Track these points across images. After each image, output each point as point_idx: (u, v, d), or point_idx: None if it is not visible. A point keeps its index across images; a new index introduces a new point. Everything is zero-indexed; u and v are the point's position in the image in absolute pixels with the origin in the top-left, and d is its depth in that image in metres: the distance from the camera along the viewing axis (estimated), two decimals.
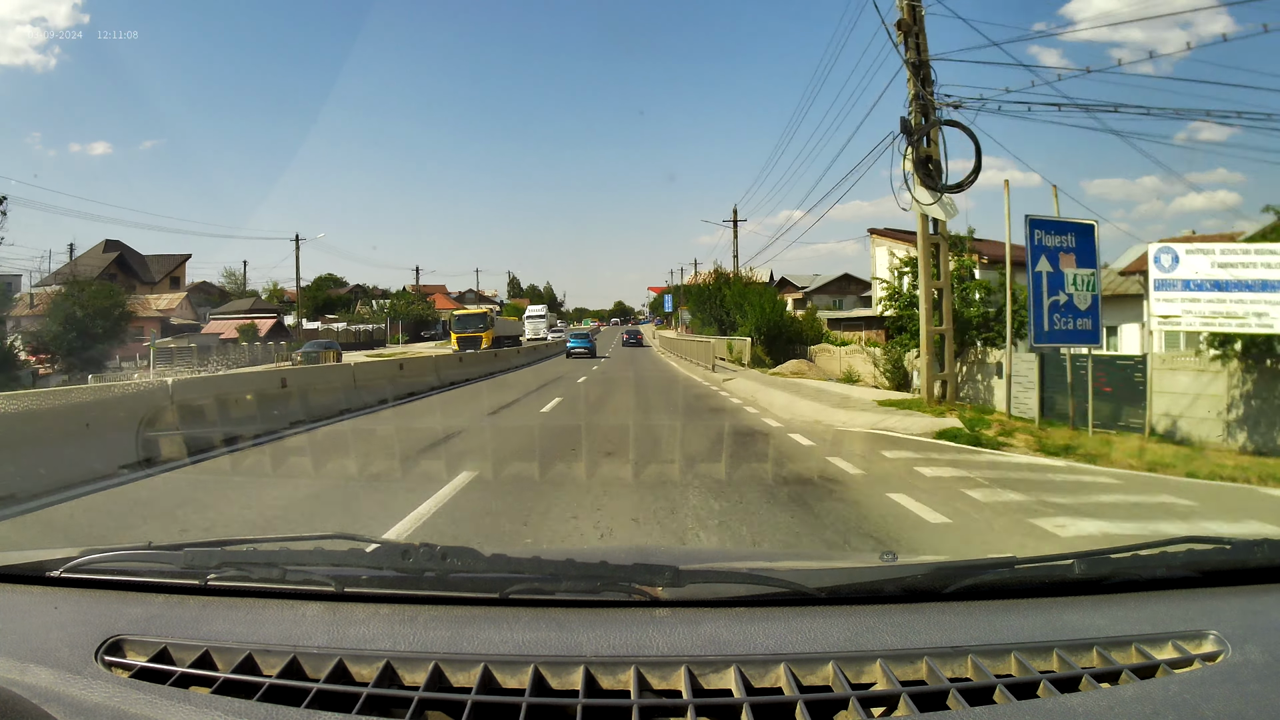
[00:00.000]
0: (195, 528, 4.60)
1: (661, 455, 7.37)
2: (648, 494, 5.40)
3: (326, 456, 7.21)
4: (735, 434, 8.98)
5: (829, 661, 0.98)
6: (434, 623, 1.10)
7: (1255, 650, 0.98)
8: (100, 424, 6.33)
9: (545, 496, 5.37)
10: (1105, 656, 0.99)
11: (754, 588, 1.15)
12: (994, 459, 7.63)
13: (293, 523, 4.71)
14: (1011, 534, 4.51)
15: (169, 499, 5.56)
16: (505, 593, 1.14)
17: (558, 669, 0.98)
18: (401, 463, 6.78)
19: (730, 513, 4.86)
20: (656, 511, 4.89)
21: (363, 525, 4.46)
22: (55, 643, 1.05)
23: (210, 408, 8.21)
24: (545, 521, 4.68)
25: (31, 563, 1.29)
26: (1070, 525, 4.71)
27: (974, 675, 0.97)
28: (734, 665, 0.97)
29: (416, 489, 5.46)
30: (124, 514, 5.11)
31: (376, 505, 5.19)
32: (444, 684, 0.97)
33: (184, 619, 1.14)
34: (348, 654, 1.01)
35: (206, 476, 6.44)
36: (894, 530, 4.49)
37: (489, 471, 6.16)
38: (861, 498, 5.41)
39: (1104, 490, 6.20)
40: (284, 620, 1.12)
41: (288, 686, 0.96)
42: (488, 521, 4.77)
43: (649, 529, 4.51)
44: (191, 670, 1.00)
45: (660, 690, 0.96)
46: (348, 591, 1.16)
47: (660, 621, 1.09)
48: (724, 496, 5.31)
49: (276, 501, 5.39)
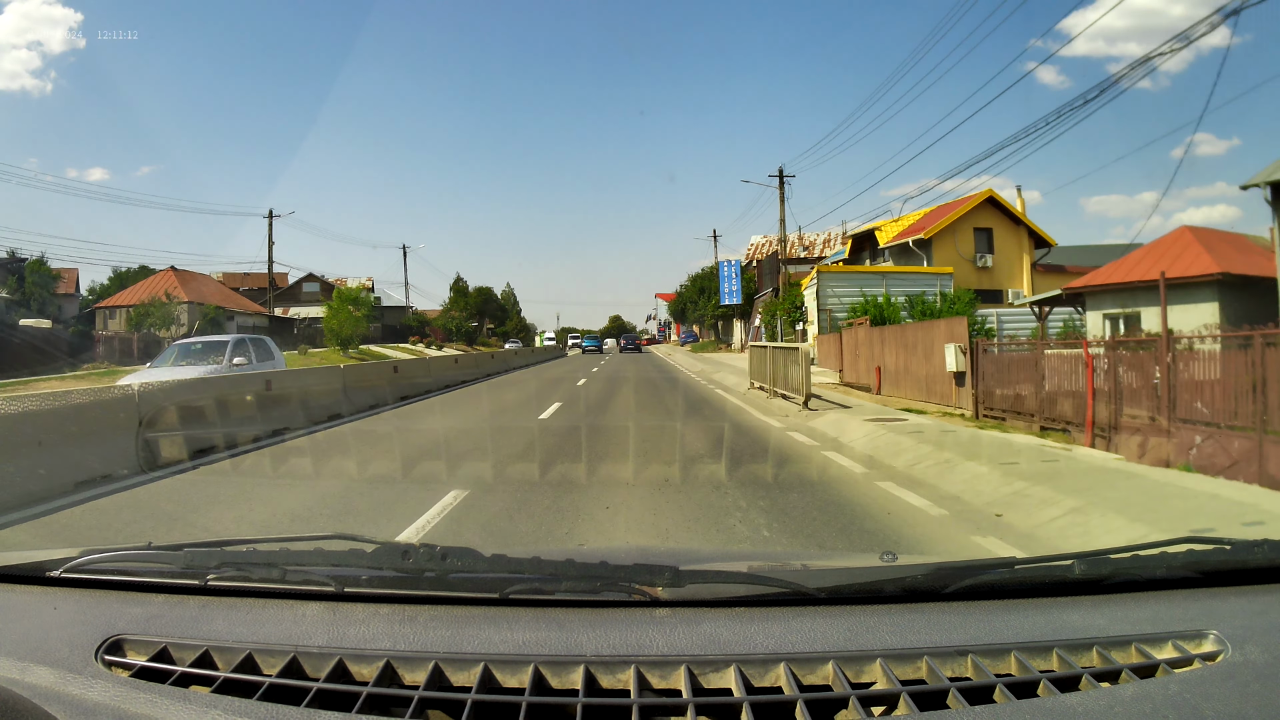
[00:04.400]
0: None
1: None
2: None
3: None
4: None
5: (829, 661, 0.98)
6: (434, 622, 1.10)
7: (1255, 650, 0.98)
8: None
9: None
10: (1105, 656, 0.99)
11: (754, 587, 1.15)
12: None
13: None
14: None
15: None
16: (505, 593, 1.14)
17: (558, 668, 0.98)
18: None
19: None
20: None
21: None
22: (55, 643, 1.05)
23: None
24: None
25: (31, 563, 1.30)
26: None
27: (974, 675, 0.97)
28: (734, 665, 0.97)
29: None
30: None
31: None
32: (444, 683, 0.97)
33: (184, 619, 1.14)
34: (348, 653, 1.01)
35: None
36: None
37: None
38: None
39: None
40: (284, 620, 1.12)
41: (288, 686, 0.96)
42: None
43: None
44: (192, 670, 1.00)
45: (660, 690, 0.96)
46: (348, 591, 1.16)
47: (660, 621, 1.09)
48: None
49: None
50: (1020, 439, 8.04)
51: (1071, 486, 5.30)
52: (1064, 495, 5.01)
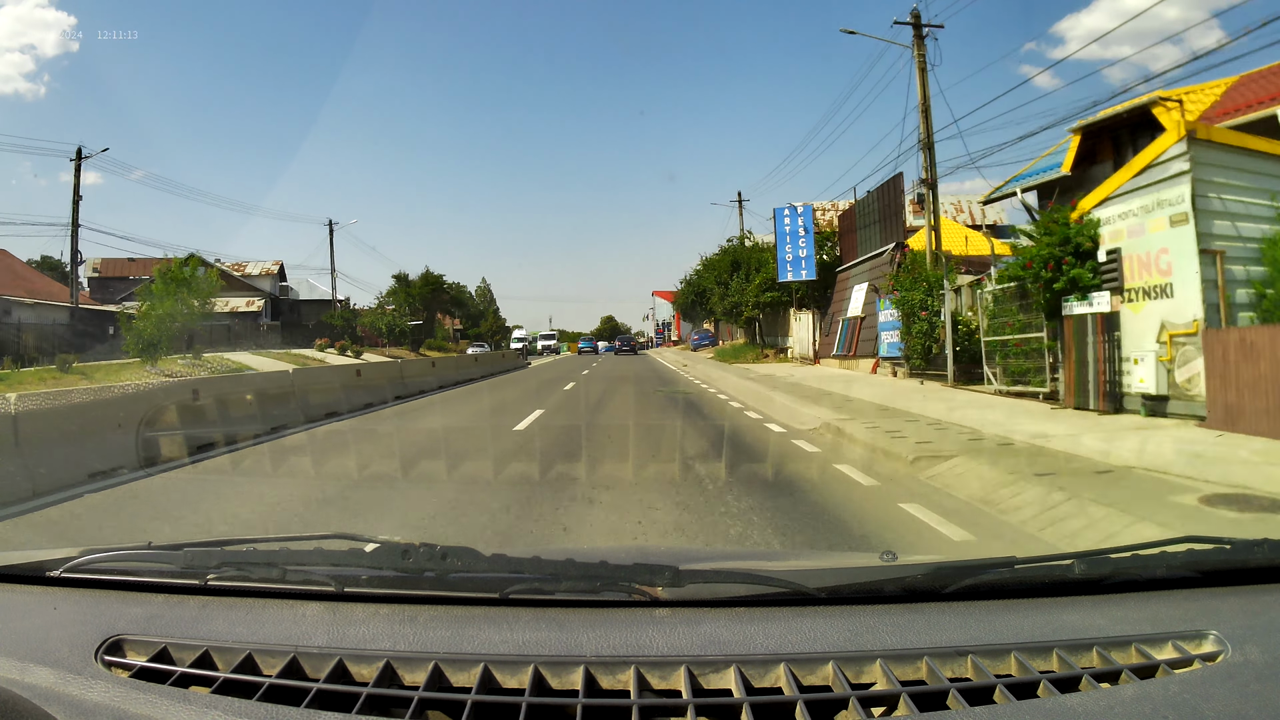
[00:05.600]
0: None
1: None
2: None
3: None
4: None
5: (829, 661, 0.98)
6: (434, 622, 1.10)
7: (1255, 650, 0.97)
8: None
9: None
10: (1105, 656, 0.99)
11: (754, 587, 1.15)
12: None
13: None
14: None
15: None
16: (505, 593, 1.14)
17: (558, 669, 0.98)
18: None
19: None
20: None
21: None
22: (55, 643, 1.05)
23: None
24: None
25: (31, 563, 1.30)
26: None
27: (974, 675, 0.97)
28: (734, 665, 0.97)
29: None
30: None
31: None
32: (444, 684, 0.97)
33: (184, 619, 1.14)
34: (348, 654, 1.01)
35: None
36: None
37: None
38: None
39: None
40: (284, 620, 1.12)
41: (288, 686, 0.96)
42: None
43: None
44: (191, 670, 1.00)
45: (660, 690, 0.96)
46: (348, 591, 1.16)
47: (660, 621, 1.09)
48: None
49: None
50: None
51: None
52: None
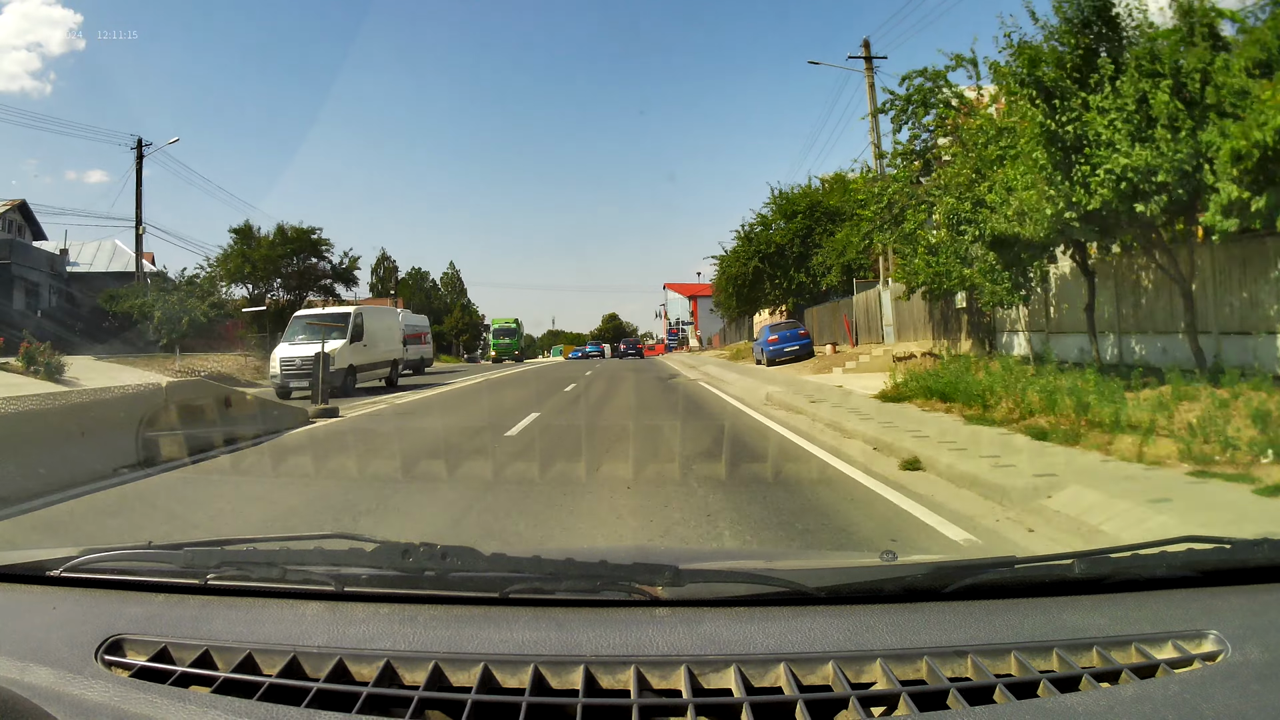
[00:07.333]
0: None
1: None
2: None
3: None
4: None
5: (829, 661, 0.98)
6: (434, 622, 1.10)
7: (1255, 650, 0.97)
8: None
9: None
10: (1105, 656, 0.99)
11: (754, 587, 1.15)
12: None
13: None
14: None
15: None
16: (505, 592, 1.14)
17: (558, 668, 0.97)
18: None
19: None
20: None
21: None
22: (55, 642, 1.05)
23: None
24: None
25: (31, 562, 1.30)
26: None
27: (974, 675, 0.97)
28: (734, 665, 0.97)
29: None
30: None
31: None
32: (444, 683, 0.97)
33: (184, 618, 1.14)
34: (348, 653, 1.01)
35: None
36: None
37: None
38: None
39: None
40: (284, 620, 1.12)
41: (288, 686, 0.96)
42: None
43: None
44: (191, 670, 1.00)
45: (660, 690, 0.96)
46: (348, 591, 1.16)
47: (660, 621, 1.09)
48: None
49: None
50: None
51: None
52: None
